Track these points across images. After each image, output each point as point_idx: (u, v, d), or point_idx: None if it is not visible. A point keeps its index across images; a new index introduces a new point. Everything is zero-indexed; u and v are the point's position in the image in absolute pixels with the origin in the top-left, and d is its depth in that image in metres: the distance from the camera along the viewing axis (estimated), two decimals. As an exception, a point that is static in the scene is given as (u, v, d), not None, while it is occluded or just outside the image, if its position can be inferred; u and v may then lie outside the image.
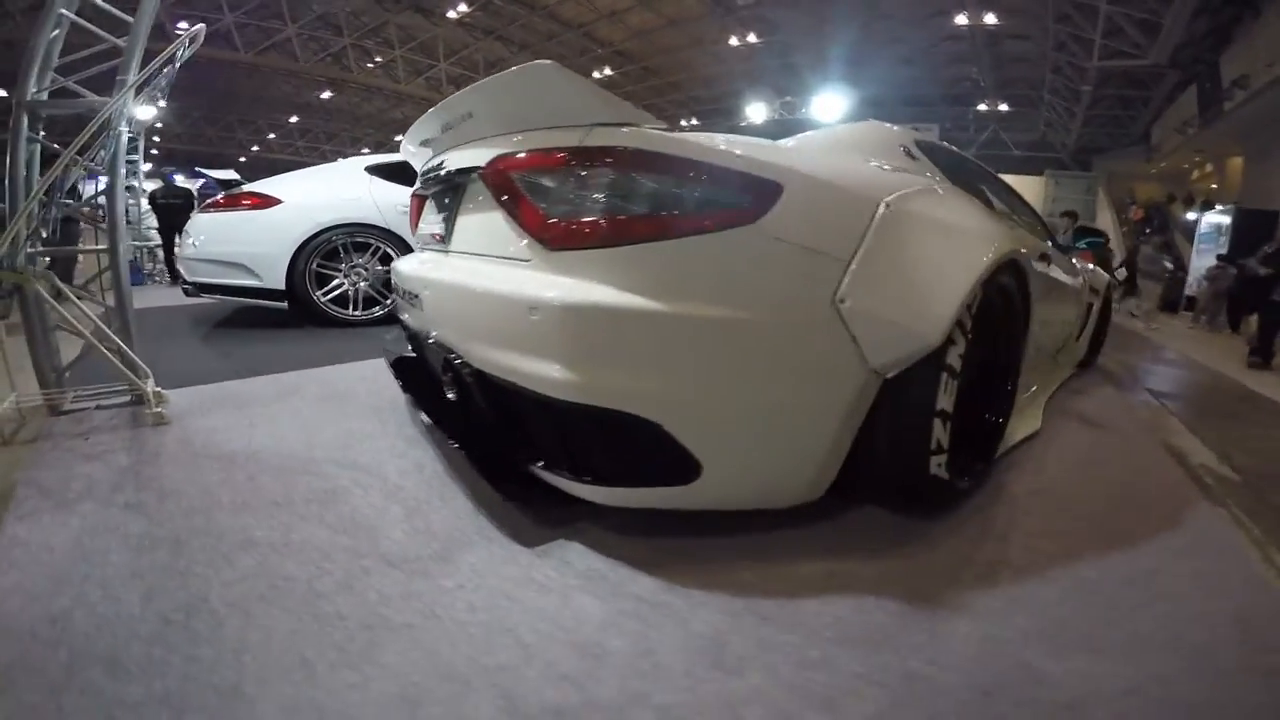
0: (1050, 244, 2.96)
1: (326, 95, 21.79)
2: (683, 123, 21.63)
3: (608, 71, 19.94)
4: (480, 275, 1.30)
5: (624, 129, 1.15)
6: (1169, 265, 10.38)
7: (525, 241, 1.22)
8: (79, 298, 2.47)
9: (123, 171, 2.45)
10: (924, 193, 1.53)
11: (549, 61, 1.20)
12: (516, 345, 1.17)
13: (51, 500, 1.63)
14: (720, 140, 1.23)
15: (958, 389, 1.41)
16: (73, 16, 2.43)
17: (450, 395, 1.46)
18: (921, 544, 1.44)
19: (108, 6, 2.55)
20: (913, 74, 21.14)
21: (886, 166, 1.77)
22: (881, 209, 1.30)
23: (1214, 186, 15.11)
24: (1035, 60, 16.39)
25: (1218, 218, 10.23)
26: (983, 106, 21.51)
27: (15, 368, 2.45)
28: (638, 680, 0.95)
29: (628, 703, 0.90)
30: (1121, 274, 10.56)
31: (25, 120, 2.28)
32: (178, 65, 2.60)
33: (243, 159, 26.72)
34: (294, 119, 25.43)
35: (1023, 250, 1.76)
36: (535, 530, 1.41)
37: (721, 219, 1.12)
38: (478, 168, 1.38)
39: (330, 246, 4.10)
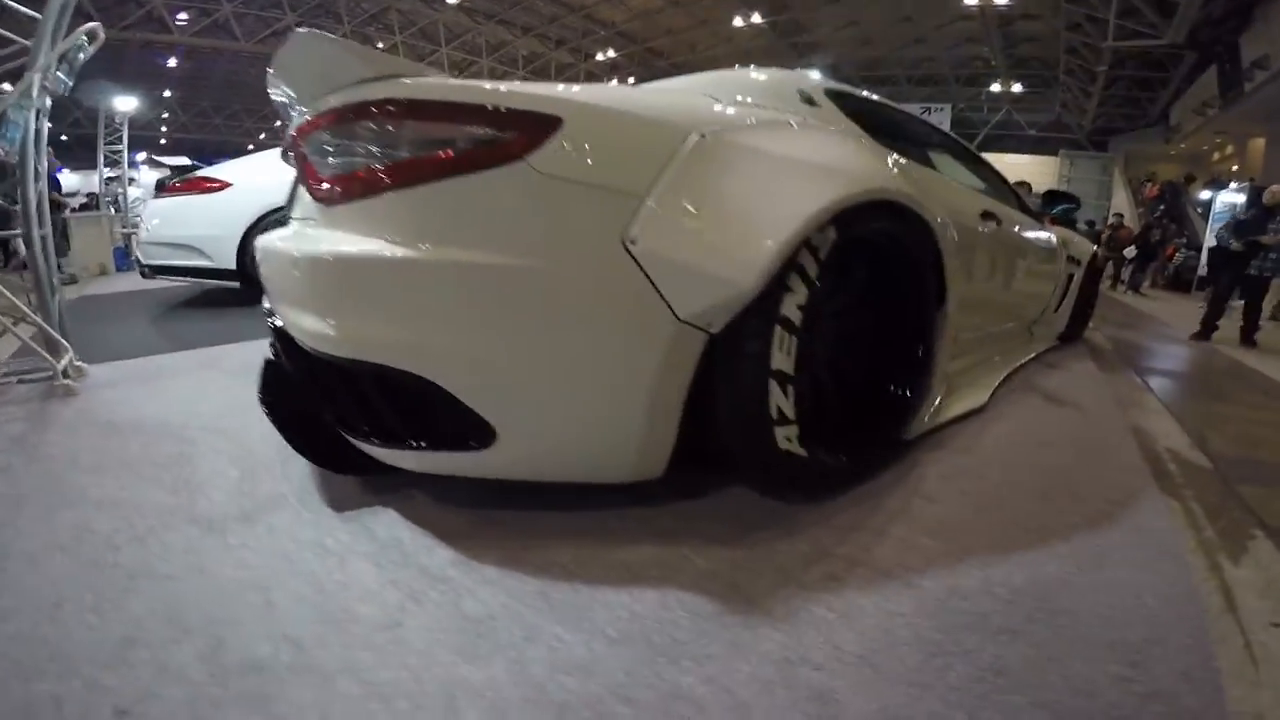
0: (1015, 210, 2.77)
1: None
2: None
3: (611, 54, 19.77)
4: (285, 238, 1.30)
5: (382, 82, 1.12)
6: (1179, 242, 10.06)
7: (311, 201, 1.22)
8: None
9: (32, 160, 2.48)
10: (763, 126, 1.38)
11: (310, 30, 1.16)
12: (297, 302, 1.17)
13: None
14: (487, 84, 1.13)
15: (799, 347, 1.22)
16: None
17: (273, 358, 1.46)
18: (779, 532, 1.25)
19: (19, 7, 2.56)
20: (924, 53, 20.70)
21: (764, 108, 1.60)
22: (693, 140, 1.15)
23: (1235, 168, 14.62)
24: (1048, 40, 15.92)
25: (1232, 196, 9.90)
26: (995, 87, 21.00)
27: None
28: (366, 653, 0.88)
29: (339, 671, 0.84)
30: (1131, 252, 10.29)
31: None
32: (79, 61, 2.60)
33: (250, 146, 27.03)
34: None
35: (915, 197, 1.49)
36: (359, 497, 1.36)
37: (482, 157, 1.02)
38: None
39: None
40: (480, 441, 1.08)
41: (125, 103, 9.54)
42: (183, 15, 14.48)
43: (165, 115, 23.22)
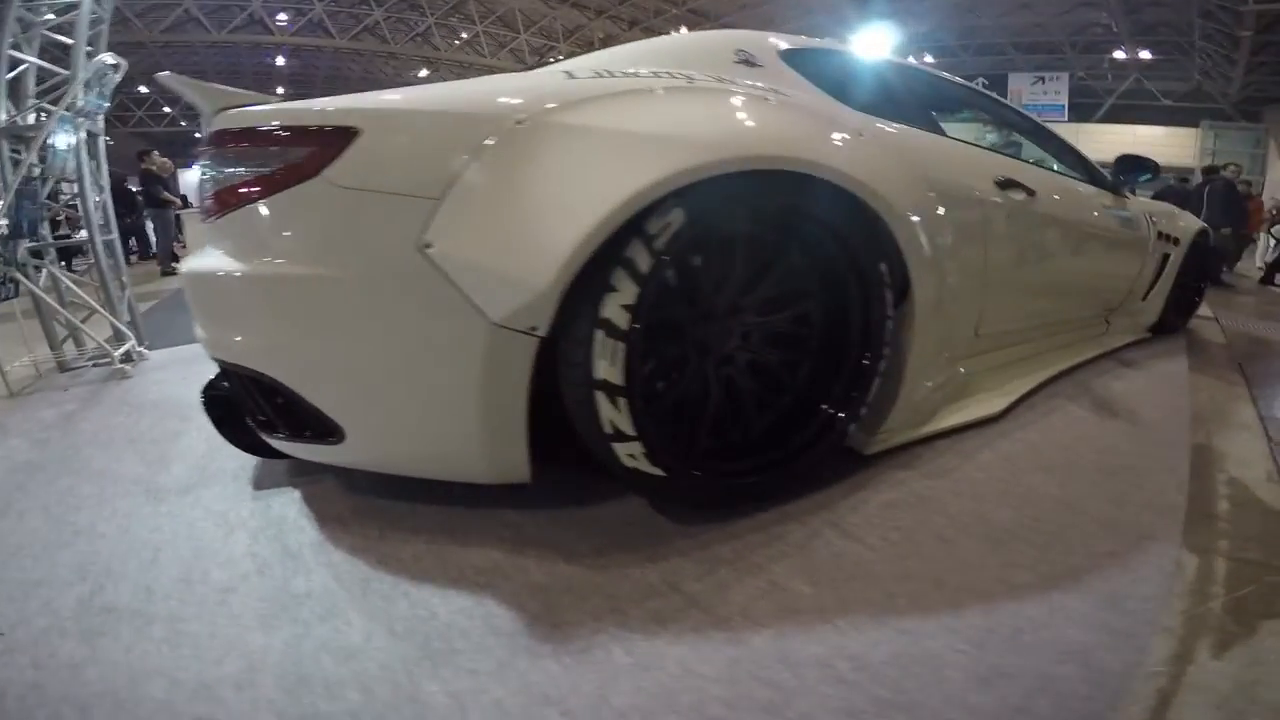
0: (1077, 181, 2.49)
1: (424, 74, 22.98)
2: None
3: (684, 32, 19.52)
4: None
5: (220, 114, 1.21)
6: None
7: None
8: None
9: (89, 174, 2.91)
10: (608, 98, 1.22)
11: (168, 74, 1.32)
12: (192, 310, 1.36)
13: (-3, 434, 2.08)
14: (305, 102, 1.20)
15: (629, 354, 1.10)
16: (20, 55, 2.89)
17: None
18: (641, 556, 1.16)
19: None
20: (1032, 19, 18.96)
21: (659, 77, 1.39)
22: (504, 129, 1.09)
23: None
24: (1177, 4, 14.14)
25: None
26: (1119, 54, 18.90)
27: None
28: (193, 608, 1.06)
29: (162, 618, 1.04)
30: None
31: (4, 144, 2.76)
32: (110, 84, 2.99)
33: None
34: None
35: (843, 169, 1.26)
36: (286, 477, 1.57)
37: (285, 177, 1.10)
38: None
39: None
40: (333, 436, 1.20)
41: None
42: (282, 16, 15.68)
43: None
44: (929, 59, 21.76)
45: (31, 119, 2.79)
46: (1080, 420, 1.93)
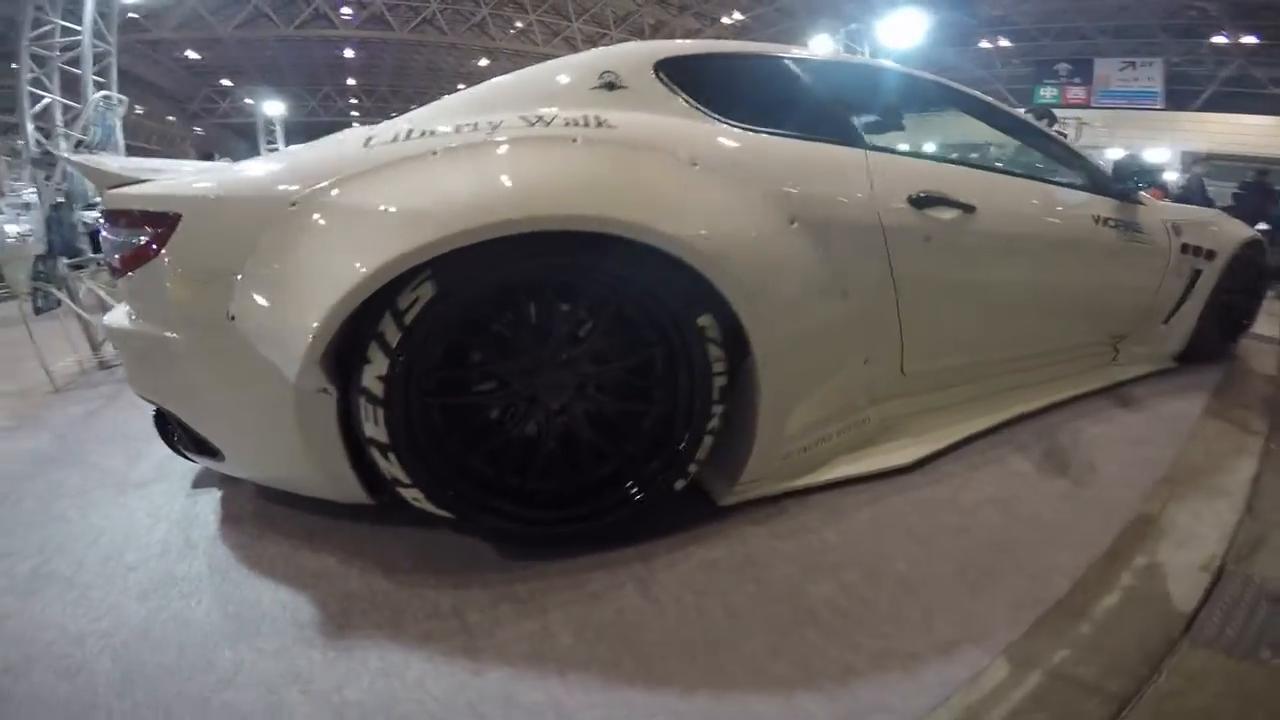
0: (1061, 187, 2.16)
1: (484, 63, 23.59)
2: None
3: (737, 16, 19.22)
4: None
5: (109, 191, 1.38)
6: None
7: None
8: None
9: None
10: (385, 169, 1.24)
11: (66, 155, 1.62)
12: None
13: (30, 427, 2.45)
14: (149, 187, 1.34)
15: (388, 416, 1.17)
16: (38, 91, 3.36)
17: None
18: (449, 580, 1.28)
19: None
20: (1117, 3, 17.63)
21: (531, 117, 1.36)
22: (282, 212, 1.20)
23: None
24: None
25: None
26: (1219, 39, 17.40)
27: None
28: (97, 579, 1.37)
29: (70, 587, 1.32)
30: None
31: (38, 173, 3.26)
32: (111, 117, 3.42)
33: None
34: (461, 87, 27.91)
35: (648, 223, 1.18)
36: (217, 479, 1.80)
37: (144, 253, 1.27)
38: None
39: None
40: (215, 454, 1.45)
41: (274, 107, 11.34)
42: (346, 10, 16.52)
43: (353, 101, 26.58)
44: (1004, 43, 20.78)
45: (62, 146, 3.26)
46: (1013, 476, 1.69)
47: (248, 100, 22.67)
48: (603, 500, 1.35)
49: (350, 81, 24.85)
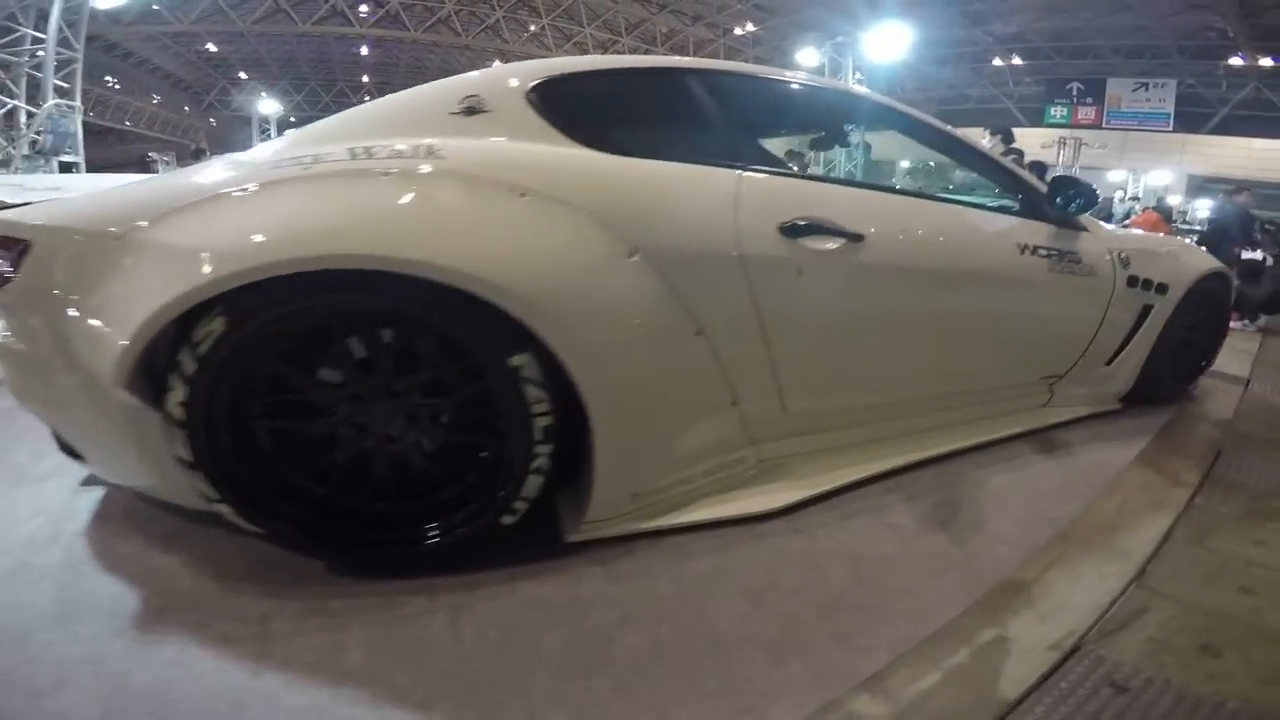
0: (981, 212, 2.02)
1: (497, 65, 23.85)
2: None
3: (750, 27, 19.28)
4: None
5: None
6: None
7: None
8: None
9: None
10: (198, 206, 1.27)
11: None
12: None
13: None
14: (8, 213, 1.38)
15: (191, 440, 1.21)
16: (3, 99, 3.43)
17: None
18: (273, 589, 1.30)
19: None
20: (1132, 21, 17.52)
21: (404, 146, 1.35)
22: (106, 245, 1.25)
23: None
24: None
25: None
26: (1236, 60, 17.22)
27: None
28: None
29: None
30: None
31: None
32: (62, 125, 3.48)
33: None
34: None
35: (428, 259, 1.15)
36: (109, 481, 1.76)
37: (2, 276, 1.31)
38: None
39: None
40: (83, 458, 1.48)
41: (268, 105, 11.56)
42: (363, 8, 16.77)
43: (366, 98, 26.88)
44: (1017, 61, 20.69)
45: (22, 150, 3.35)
46: (885, 529, 1.55)
47: (264, 95, 23.07)
48: (422, 530, 1.34)
49: (365, 79, 25.18)
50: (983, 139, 4.60)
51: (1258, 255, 5.04)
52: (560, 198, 1.36)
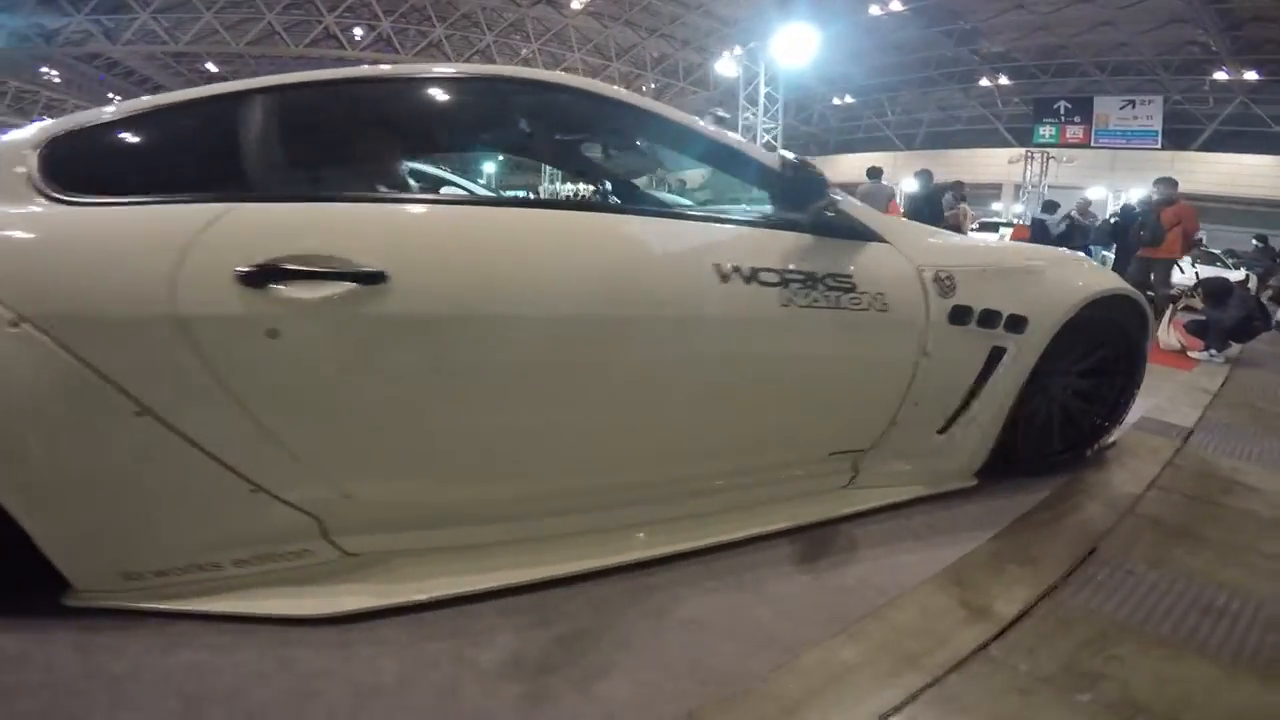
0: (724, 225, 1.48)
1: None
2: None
3: (738, 50, 19.57)
4: None
5: None
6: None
7: None
8: None
9: None
10: None
11: None
12: None
13: None
14: None
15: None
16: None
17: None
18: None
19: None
20: (1115, 37, 17.74)
21: None
22: None
23: None
24: None
25: None
26: (1221, 75, 17.33)
27: None
28: None
29: None
30: None
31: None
32: None
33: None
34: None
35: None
36: None
37: None
38: None
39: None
40: None
41: None
42: (357, 30, 17.13)
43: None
44: (1004, 81, 20.87)
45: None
46: (458, 666, 1.10)
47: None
48: None
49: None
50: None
51: (1236, 274, 4.64)
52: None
